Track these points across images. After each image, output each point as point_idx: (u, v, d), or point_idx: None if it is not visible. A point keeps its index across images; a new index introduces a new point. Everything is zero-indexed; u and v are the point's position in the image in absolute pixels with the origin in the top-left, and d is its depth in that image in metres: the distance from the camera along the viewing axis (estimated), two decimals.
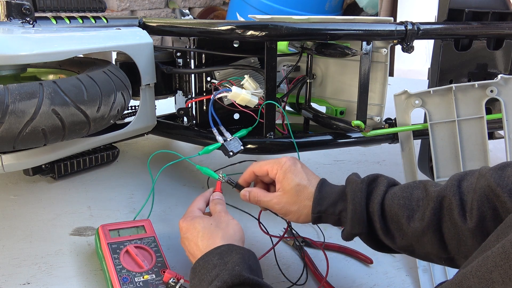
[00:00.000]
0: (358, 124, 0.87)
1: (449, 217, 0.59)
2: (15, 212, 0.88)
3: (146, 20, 0.94)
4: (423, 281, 0.82)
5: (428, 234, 0.61)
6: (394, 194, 0.65)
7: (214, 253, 0.64)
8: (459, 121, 0.89)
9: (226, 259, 0.62)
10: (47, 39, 0.75)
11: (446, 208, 0.60)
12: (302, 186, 0.71)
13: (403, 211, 0.63)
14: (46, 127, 0.67)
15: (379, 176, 0.69)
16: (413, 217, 0.62)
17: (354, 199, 0.66)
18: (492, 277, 0.40)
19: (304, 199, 0.71)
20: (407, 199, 0.64)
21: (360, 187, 0.67)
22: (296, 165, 0.73)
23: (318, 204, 0.69)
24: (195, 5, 3.95)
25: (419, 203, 0.63)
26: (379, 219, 0.64)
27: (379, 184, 0.67)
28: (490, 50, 1.03)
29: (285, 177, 0.72)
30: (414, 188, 0.65)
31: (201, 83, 0.97)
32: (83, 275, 0.75)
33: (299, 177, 0.72)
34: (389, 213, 0.64)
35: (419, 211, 0.62)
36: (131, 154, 1.14)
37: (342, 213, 0.68)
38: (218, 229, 0.68)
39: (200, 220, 0.70)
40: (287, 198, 0.72)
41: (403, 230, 0.63)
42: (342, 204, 0.68)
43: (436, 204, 0.60)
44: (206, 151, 0.86)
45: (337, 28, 0.88)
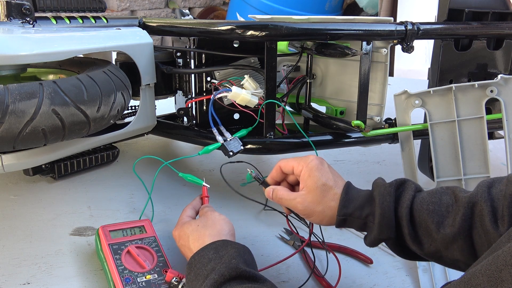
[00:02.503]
0: (358, 124, 0.87)
1: (480, 224, 0.58)
2: (15, 212, 0.88)
3: (146, 20, 0.94)
4: (423, 281, 0.82)
5: (458, 241, 0.60)
6: (422, 199, 0.64)
7: (209, 247, 0.64)
8: (459, 121, 0.89)
9: (221, 253, 0.62)
10: (47, 39, 0.75)
11: (477, 215, 0.59)
12: (328, 186, 0.69)
13: (432, 217, 0.62)
14: (46, 127, 0.67)
15: (407, 181, 0.67)
16: (443, 223, 0.61)
17: (383, 203, 0.64)
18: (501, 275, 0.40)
19: (329, 200, 0.69)
20: (437, 205, 0.62)
21: (389, 191, 0.65)
22: (323, 164, 0.71)
23: (344, 207, 0.67)
24: (195, 5, 3.95)
25: (448, 209, 0.62)
26: (407, 224, 0.63)
27: (407, 189, 0.66)
28: (490, 50, 1.03)
29: (311, 176, 0.70)
30: (442, 194, 0.63)
31: (201, 83, 0.97)
32: (83, 275, 0.75)
33: (325, 177, 0.70)
34: (418, 218, 0.63)
35: (449, 217, 0.61)
36: (131, 154, 1.14)
37: (369, 217, 0.66)
38: (204, 228, 0.70)
39: (188, 224, 0.73)
40: (311, 197, 0.69)
41: (432, 236, 0.62)
42: (369, 208, 0.66)
43: (467, 211, 0.59)
44: (206, 151, 0.86)
45: (337, 28, 0.88)
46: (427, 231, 0.62)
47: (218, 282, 0.58)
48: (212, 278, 0.59)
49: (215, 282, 0.59)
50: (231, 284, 0.58)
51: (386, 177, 0.69)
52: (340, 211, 0.67)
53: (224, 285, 0.58)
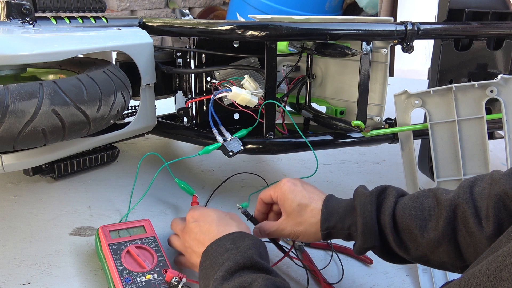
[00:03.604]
0: (358, 124, 0.87)
1: (464, 226, 0.58)
2: (15, 212, 0.88)
3: (146, 20, 0.94)
4: (423, 281, 0.82)
5: (443, 244, 0.60)
6: (404, 204, 0.64)
7: (227, 238, 0.65)
8: (459, 121, 0.89)
9: (238, 244, 0.63)
10: (47, 39, 0.75)
11: (460, 217, 0.59)
12: (303, 205, 0.70)
13: (415, 222, 0.62)
14: (46, 127, 0.67)
15: (388, 187, 0.67)
16: (426, 227, 0.61)
17: (364, 212, 0.65)
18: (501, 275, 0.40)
19: (308, 218, 0.70)
20: (419, 209, 0.62)
21: (370, 200, 0.65)
22: (295, 185, 0.73)
23: (326, 220, 0.68)
24: (195, 5, 3.95)
25: (430, 212, 0.62)
26: (391, 231, 0.63)
27: (389, 195, 0.66)
28: (490, 50, 1.03)
29: (285, 199, 0.72)
30: (424, 197, 0.64)
31: (201, 83, 0.97)
32: (83, 275, 0.75)
33: (299, 197, 0.71)
34: (401, 225, 0.63)
35: (432, 220, 0.61)
36: (131, 154, 1.14)
37: (352, 227, 0.66)
38: (232, 220, 0.71)
39: (215, 210, 0.74)
40: (291, 220, 0.71)
41: (417, 241, 0.62)
42: (351, 218, 0.66)
43: (449, 214, 0.59)
44: (206, 151, 0.86)
45: (337, 28, 0.88)
46: (411, 236, 0.62)
47: (232, 269, 0.59)
48: (227, 265, 0.60)
49: (229, 268, 0.59)
50: (244, 272, 0.59)
51: (386, 177, 0.69)
52: (322, 225, 0.68)
53: (238, 273, 0.59)
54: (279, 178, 0.86)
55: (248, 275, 0.58)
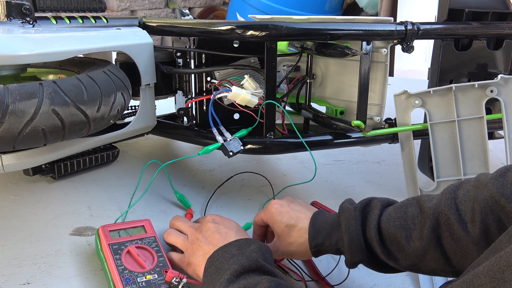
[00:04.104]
0: (358, 124, 0.87)
1: (449, 233, 0.58)
2: (15, 212, 0.88)
3: (146, 20, 0.94)
4: (423, 281, 0.82)
5: (429, 252, 0.60)
6: (389, 215, 0.64)
7: (233, 244, 0.66)
8: (459, 121, 0.89)
9: (244, 249, 0.64)
10: (47, 39, 0.75)
11: (444, 224, 0.59)
12: (290, 226, 0.71)
13: (400, 232, 0.62)
14: (46, 127, 0.67)
15: (372, 200, 0.68)
16: (411, 237, 0.61)
17: (349, 228, 0.65)
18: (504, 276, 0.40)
19: (297, 238, 0.71)
20: (403, 219, 0.63)
21: (354, 215, 0.66)
22: (282, 207, 0.74)
23: (314, 239, 0.69)
24: (195, 5, 3.95)
25: (414, 221, 0.62)
26: (378, 244, 0.63)
27: (373, 208, 0.66)
28: (490, 50, 1.03)
29: (274, 222, 0.73)
30: (408, 206, 0.64)
31: (201, 83, 0.97)
32: (83, 275, 0.75)
33: (286, 218, 0.72)
34: (387, 236, 0.63)
35: (416, 229, 0.61)
36: (131, 154, 1.14)
37: (339, 242, 0.67)
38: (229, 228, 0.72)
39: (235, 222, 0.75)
40: (282, 241, 0.72)
41: (404, 250, 0.62)
42: (337, 235, 0.67)
43: (432, 222, 0.60)
44: (206, 151, 0.86)
45: (337, 28, 0.88)
46: (398, 246, 0.62)
47: (237, 272, 0.60)
48: (232, 268, 0.60)
49: (235, 271, 0.60)
50: (250, 274, 0.60)
51: (386, 177, 0.69)
52: (311, 244, 0.69)
53: (243, 275, 0.60)
54: (279, 178, 0.87)
55: (253, 277, 0.58)
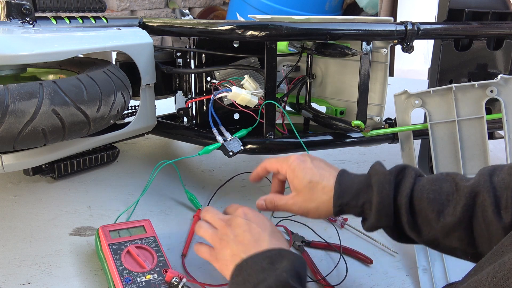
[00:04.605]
0: (358, 124, 0.87)
1: (481, 214, 0.58)
2: (15, 212, 0.88)
3: (146, 20, 0.94)
4: (423, 281, 0.82)
5: (458, 230, 0.59)
6: (423, 187, 0.63)
7: (264, 255, 0.60)
8: (459, 121, 0.89)
9: (276, 264, 0.58)
10: (47, 39, 0.75)
11: (479, 205, 0.58)
12: (314, 182, 0.69)
13: (432, 205, 0.61)
14: (46, 127, 0.67)
15: (407, 167, 0.66)
16: (443, 212, 0.60)
17: (382, 191, 0.63)
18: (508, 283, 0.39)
19: (320, 195, 0.68)
20: (437, 193, 0.61)
21: (388, 179, 0.64)
22: (305, 162, 0.71)
23: (339, 198, 0.67)
24: (195, 5, 3.95)
25: (449, 197, 0.61)
26: (406, 213, 0.62)
27: (407, 176, 0.65)
28: (490, 50, 1.03)
29: (295, 177, 0.70)
30: (443, 181, 0.63)
31: (201, 83, 0.97)
32: (83, 275, 0.75)
33: (309, 174, 0.69)
34: (417, 207, 0.62)
35: (450, 206, 0.60)
36: (131, 154, 1.14)
37: (366, 204, 0.65)
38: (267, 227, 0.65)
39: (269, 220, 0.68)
40: (302, 197, 0.69)
41: (431, 224, 0.61)
42: (366, 196, 0.65)
43: (468, 201, 0.59)
44: (206, 151, 0.86)
45: (337, 28, 0.88)
46: (426, 219, 0.62)
47: None
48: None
49: None
50: None
51: None
52: (335, 202, 0.67)
53: None
54: None
55: None
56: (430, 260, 0.85)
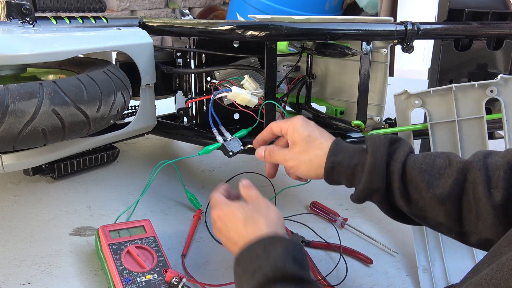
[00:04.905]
0: (358, 124, 0.87)
1: (472, 191, 0.58)
2: (15, 212, 0.88)
3: (146, 20, 0.94)
4: (423, 281, 0.82)
5: (446, 204, 0.60)
6: (416, 158, 0.64)
7: (258, 244, 0.62)
8: (459, 121, 0.89)
9: (269, 251, 0.60)
10: (47, 39, 0.75)
11: (470, 182, 0.59)
12: (313, 137, 0.71)
13: (423, 176, 0.62)
14: (46, 127, 0.67)
15: (402, 140, 0.67)
16: (433, 184, 0.61)
17: (376, 152, 0.64)
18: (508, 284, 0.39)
19: (315, 149, 0.70)
20: (429, 165, 0.62)
21: (383, 143, 0.65)
22: (308, 122, 0.74)
23: (333, 154, 0.68)
24: (195, 5, 3.95)
25: (440, 171, 0.61)
26: (398, 179, 0.63)
27: (402, 146, 0.66)
28: (490, 50, 1.03)
29: (295, 131, 0.72)
30: (436, 157, 0.63)
31: (201, 83, 0.97)
32: (83, 275, 0.75)
33: (309, 130, 0.72)
34: (409, 175, 0.63)
35: (441, 179, 0.61)
36: (131, 154, 1.14)
37: (358, 166, 0.66)
38: (260, 215, 0.66)
39: (239, 207, 0.68)
40: (297, 148, 0.71)
41: (421, 194, 0.61)
42: (360, 157, 0.66)
43: (460, 176, 0.59)
44: (206, 151, 0.86)
45: (337, 28, 0.88)
46: (417, 189, 0.62)
47: (261, 284, 0.57)
48: (257, 281, 0.57)
49: (259, 284, 0.57)
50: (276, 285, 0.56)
51: None
52: (328, 158, 0.68)
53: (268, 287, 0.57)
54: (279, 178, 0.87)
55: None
56: (430, 260, 0.85)
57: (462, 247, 0.87)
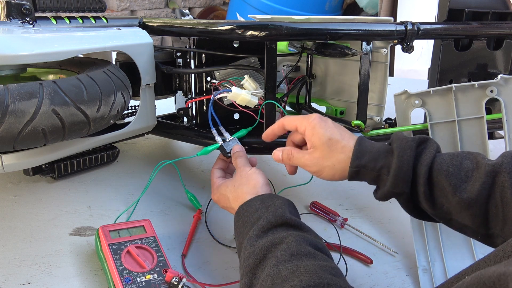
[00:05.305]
0: (358, 124, 0.87)
1: (500, 195, 0.57)
2: (15, 212, 0.88)
3: (146, 20, 0.94)
4: (423, 281, 0.82)
5: (473, 208, 0.59)
6: (443, 160, 0.62)
7: (256, 199, 0.67)
8: (459, 121, 0.89)
9: (267, 203, 0.65)
10: (47, 39, 0.75)
11: (498, 185, 0.58)
12: (334, 140, 0.68)
13: (450, 179, 0.60)
14: (46, 127, 0.67)
15: (429, 139, 0.66)
16: (460, 187, 0.60)
17: (402, 156, 0.63)
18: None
19: (338, 153, 0.68)
20: (456, 168, 0.61)
21: (410, 145, 0.64)
22: (326, 121, 0.71)
23: (357, 158, 0.66)
24: (195, 5, 3.95)
25: (468, 174, 0.60)
26: (424, 182, 0.62)
27: (429, 147, 0.64)
28: (490, 50, 1.03)
29: (314, 133, 0.70)
30: (464, 158, 0.62)
31: (201, 83, 0.97)
32: (83, 275, 0.75)
33: (329, 132, 0.69)
34: (435, 179, 0.62)
35: (468, 182, 0.60)
36: (131, 154, 1.14)
37: (383, 169, 0.64)
38: (241, 186, 0.72)
39: (224, 186, 0.75)
40: (319, 153, 0.69)
41: (447, 198, 0.61)
42: (385, 160, 0.65)
43: (488, 179, 0.58)
44: (204, 152, 0.86)
45: (337, 28, 0.88)
46: (443, 192, 0.61)
47: (265, 228, 0.62)
48: (259, 224, 0.62)
49: (262, 227, 0.62)
50: (277, 229, 0.61)
51: None
52: (353, 162, 0.66)
53: (271, 230, 0.61)
54: (279, 178, 0.87)
55: (280, 232, 0.60)
56: (430, 260, 0.85)
57: (462, 247, 0.87)
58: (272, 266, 0.56)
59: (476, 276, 0.40)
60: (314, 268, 0.54)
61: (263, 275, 0.57)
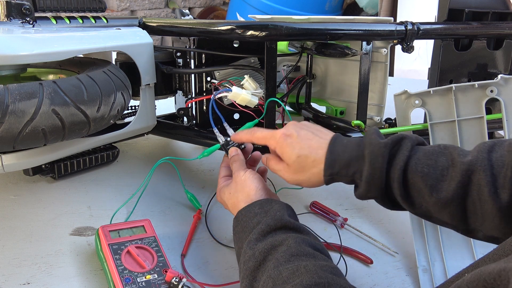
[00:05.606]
0: (358, 124, 0.87)
1: (477, 193, 0.57)
2: (15, 212, 0.88)
3: (146, 20, 0.94)
4: (423, 281, 0.82)
5: (450, 207, 0.59)
6: (418, 160, 0.62)
7: (254, 204, 0.68)
8: (459, 121, 0.89)
9: (266, 208, 0.67)
10: (47, 39, 0.75)
11: (474, 184, 0.57)
12: (303, 156, 0.68)
13: (426, 180, 0.60)
14: (46, 127, 0.67)
15: (403, 139, 0.64)
16: (436, 187, 0.59)
17: (374, 164, 0.62)
18: None
19: (310, 168, 0.68)
20: (432, 167, 0.60)
21: (382, 152, 0.63)
22: (291, 137, 0.70)
23: (329, 167, 0.66)
24: (195, 5, 3.95)
25: (443, 172, 0.60)
26: (399, 186, 0.61)
27: (403, 148, 0.63)
28: (490, 50, 1.03)
29: (283, 152, 0.70)
30: (439, 155, 0.61)
31: (201, 83, 0.97)
32: (83, 275, 0.75)
33: (297, 149, 0.68)
34: (411, 180, 0.61)
35: (444, 181, 0.59)
36: (131, 154, 1.14)
37: (356, 174, 0.64)
38: (236, 194, 0.73)
39: (223, 191, 0.76)
40: (293, 170, 0.70)
41: (424, 198, 0.60)
42: (357, 166, 0.64)
43: (464, 178, 0.58)
44: (204, 155, 0.85)
45: (337, 28, 0.88)
46: (419, 193, 0.61)
47: (265, 231, 0.62)
48: (259, 228, 0.63)
49: (262, 231, 0.62)
50: (276, 232, 0.62)
51: None
52: (326, 172, 0.66)
53: (270, 234, 0.62)
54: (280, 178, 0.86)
55: (280, 235, 0.61)
56: (430, 260, 0.85)
57: (462, 247, 0.87)
58: (272, 267, 0.57)
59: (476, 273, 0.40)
60: (314, 268, 0.55)
61: (264, 277, 0.57)
